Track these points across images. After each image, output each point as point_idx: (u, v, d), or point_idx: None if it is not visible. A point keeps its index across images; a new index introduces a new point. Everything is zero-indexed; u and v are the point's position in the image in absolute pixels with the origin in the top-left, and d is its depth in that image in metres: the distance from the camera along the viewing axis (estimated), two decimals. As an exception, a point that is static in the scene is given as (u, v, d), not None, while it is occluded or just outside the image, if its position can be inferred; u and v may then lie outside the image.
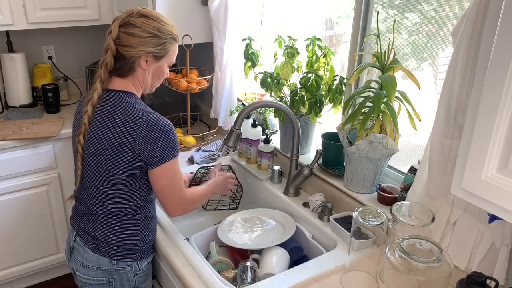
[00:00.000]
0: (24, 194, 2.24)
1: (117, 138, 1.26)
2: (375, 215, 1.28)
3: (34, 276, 2.48)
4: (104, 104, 1.29)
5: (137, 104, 1.30)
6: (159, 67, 1.35)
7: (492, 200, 0.77)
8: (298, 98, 1.70)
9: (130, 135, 1.25)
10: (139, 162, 1.28)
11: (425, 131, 1.36)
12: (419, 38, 1.52)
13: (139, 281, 1.43)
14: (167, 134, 1.28)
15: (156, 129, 1.26)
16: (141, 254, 1.41)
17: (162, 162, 1.28)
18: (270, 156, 1.85)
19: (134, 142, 1.25)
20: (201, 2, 2.09)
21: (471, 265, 1.22)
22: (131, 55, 1.28)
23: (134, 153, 1.26)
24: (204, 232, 1.59)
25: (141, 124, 1.25)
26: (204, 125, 2.48)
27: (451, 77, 1.15)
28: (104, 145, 1.27)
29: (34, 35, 2.56)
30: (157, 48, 1.29)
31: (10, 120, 2.32)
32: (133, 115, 1.26)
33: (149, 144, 1.25)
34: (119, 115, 1.27)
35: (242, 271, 1.36)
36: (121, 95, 1.30)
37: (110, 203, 1.33)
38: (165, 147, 1.27)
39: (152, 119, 1.27)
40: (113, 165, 1.28)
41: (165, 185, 1.32)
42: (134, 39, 1.26)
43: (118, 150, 1.26)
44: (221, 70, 2.08)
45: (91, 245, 1.36)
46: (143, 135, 1.24)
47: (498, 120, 0.73)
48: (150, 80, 1.35)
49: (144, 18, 1.28)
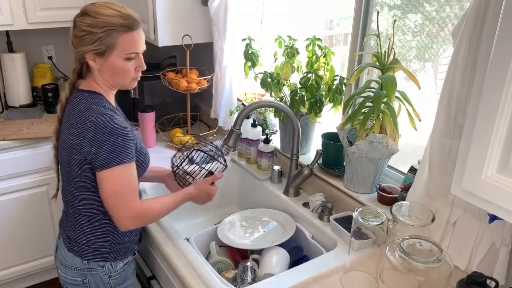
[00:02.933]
0: (24, 194, 2.24)
1: (69, 140, 1.24)
2: (375, 215, 1.28)
3: (34, 276, 2.48)
4: (68, 104, 1.29)
5: (94, 105, 1.25)
6: (108, 63, 1.24)
7: (492, 200, 0.77)
8: (298, 98, 1.70)
9: (78, 137, 1.22)
10: (88, 166, 1.24)
11: (425, 131, 1.36)
12: (421, 38, 1.52)
13: (115, 283, 1.40)
14: (115, 138, 1.20)
15: (104, 131, 1.20)
16: (115, 255, 1.37)
17: (106, 167, 1.20)
18: (270, 156, 1.85)
19: (81, 144, 1.21)
20: (201, 2, 2.09)
21: (471, 265, 1.22)
22: (77, 56, 1.26)
23: (81, 156, 1.22)
24: (204, 232, 1.59)
25: (90, 126, 1.20)
26: (204, 125, 2.48)
27: (451, 77, 1.15)
28: (61, 145, 1.29)
29: (34, 35, 2.55)
30: (93, 45, 1.21)
31: (10, 120, 2.32)
32: (85, 116, 1.22)
33: (94, 148, 1.20)
34: (74, 116, 1.24)
35: (242, 271, 1.36)
36: (84, 95, 1.27)
37: (77, 203, 1.32)
38: (111, 151, 1.20)
39: (102, 121, 1.21)
40: (69, 167, 1.27)
41: (108, 193, 1.23)
42: (76, 39, 1.24)
43: (69, 152, 1.24)
44: (221, 70, 2.08)
45: (67, 244, 1.37)
46: (89, 137, 1.20)
47: (498, 120, 0.73)
48: (109, 78, 1.28)
49: (82, 16, 1.23)
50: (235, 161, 2.01)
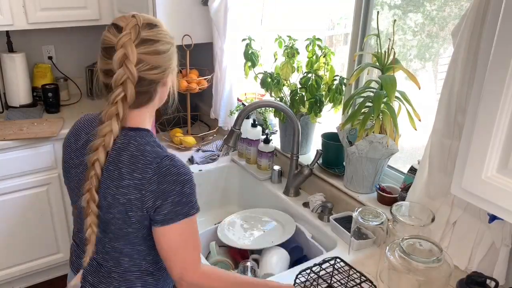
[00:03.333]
0: (24, 194, 2.24)
1: (123, 194, 1.00)
2: (375, 215, 1.28)
3: (34, 276, 2.48)
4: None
5: (148, 146, 1.03)
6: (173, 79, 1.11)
7: (492, 200, 0.77)
8: (298, 98, 1.70)
9: (138, 190, 0.99)
10: (148, 220, 1.03)
11: (425, 131, 1.36)
12: (421, 38, 1.52)
13: None
14: (182, 186, 1.00)
15: (169, 180, 0.99)
16: None
17: (170, 222, 1.01)
18: (270, 156, 1.85)
19: (142, 199, 0.99)
20: (201, 2, 2.09)
21: (471, 265, 1.22)
22: (160, 77, 1.02)
23: (143, 212, 1.01)
24: (204, 232, 1.59)
25: (152, 176, 0.99)
26: (204, 125, 2.48)
27: (451, 77, 1.15)
28: (109, 201, 1.01)
29: (34, 35, 2.55)
30: (176, 65, 1.07)
31: (10, 120, 2.32)
32: (142, 162, 1.00)
33: (159, 200, 0.99)
34: (127, 164, 1.00)
35: (242, 271, 1.36)
36: (130, 134, 1.03)
37: (126, 260, 1.09)
38: (177, 203, 1.00)
39: (165, 166, 1.00)
40: (125, 224, 1.03)
41: (171, 248, 1.04)
42: (159, 57, 1.00)
43: (125, 208, 1.01)
44: (221, 70, 2.08)
45: None
46: (152, 189, 0.99)
47: (498, 120, 0.73)
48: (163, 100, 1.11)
49: (155, 27, 1.02)
50: (235, 161, 2.01)
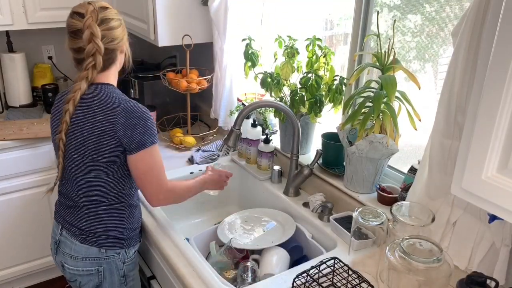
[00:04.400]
0: (24, 194, 2.24)
1: (97, 127, 1.29)
2: (375, 215, 1.28)
3: (34, 276, 2.48)
4: (83, 98, 1.32)
5: (115, 94, 1.33)
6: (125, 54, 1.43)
7: (492, 200, 0.77)
8: (298, 98, 1.70)
9: (110, 123, 1.28)
10: (120, 149, 1.31)
11: (425, 131, 1.36)
12: (421, 39, 1.52)
13: (128, 269, 1.46)
14: (145, 121, 1.31)
15: (134, 116, 1.29)
16: (129, 241, 1.44)
17: (141, 148, 1.30)
18: (270, 156, 1.85)
19: (114, 129, 1.28)
20: (201, 2, 2.09)
21: (471, 265, 1.22)
22: (118, 46, 1.35)
23: (115, 140, 1.29)
24: (204, 232, 1.59)
25: (120, 112, 1.28)
26: (204, 125, 2.48)
27: (451, 77, 1.15)
28: (85, 135, 1.30)
29: (34, 35, 2.56)
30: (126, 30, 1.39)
31: (10, 120, 2.32)
32: (111, 103, 1.30)
33: (128, 131, 1.28)
34: (97, 105, 1.30)
35: (242, 271, 1.36)
36: (99, 87, 1.34)
37: (95, 192, 1.36)
38: (143, 133, 1.30)
39: (130, 106, 1.30)
40: (97, 154, 1.31)
41: (143, 171, 1.33)
42: (116, 31, 1.33)
43: (100, 139, 1.29)
44: (221, 70, 2.08)
45: (79, 236, 1.38)
46: (122, 121, 1.28)
47: (498, 120, 0.73)
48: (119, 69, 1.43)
49: (107, 9, 1.33)
50: (235, 161, 2.01)
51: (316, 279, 1.15)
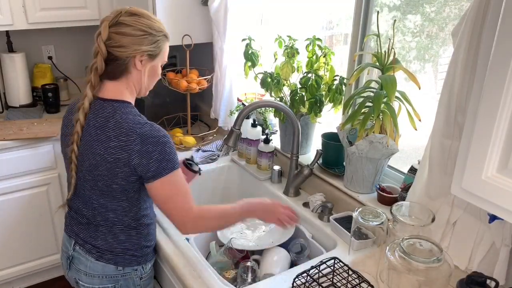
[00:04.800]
0: (24, 194, 2.24)
1: (111, 154, 1.20)
2: (375, 215, 1.28)
3: (34, 276, 2.48)
4: (97, 116, 1.24)
5: (131, 115, 1.23)
6: (154, 66, 1.29)
7: (492, 200, 0.77)
8: (298, 98, 1.70)
9: (125, 150, 1.19)
10: (135, 177, 1.23)
11: (425, 131, 1.36)
12: (421, 39, 1.52)
13: (145, 284, 1.41)
14: (163, 147, 1.20)
15: (151, 141, 1.19)
16: (146, 257, 1.39)
17: (159, 177, 1.21)
18: (270, 156, 1.85)
19: (129, 157, 1.19)
20: (201, 2, 2.09)
21: (471, 265, 1.22)
22: (125, 56, 1.21)
23: (130, 168, 1.21)
24: (203, 233, 1.59)
25: (135, 138, 1.19)
26: (204, 125, 2.48)
27: (451, 77, 1.15)
28: (98, 160, 1.22)
29: (34, 35, 2.56)
30: (151, 46, 1.24)
31: (10, 120, 2.32)
32: (126, 127, 1.20)
33: (144, 159, 1.19)
34: (112, 129, 1.21)
35: (242, 271, 1.36)
36: (114, 106, 1.24)
37: (111, 215, 1.30)
38: (161, 160, 1.20)
39: (146, 131, 1.20)
40: (110, 180, 1.23)
41: (163, 199, 1.24)
42: (127, 38, 1.20)
43: (113, 166, 1.21)
44: (221, 70, 2.08)
45: (94, 253, 1.32)
46: (137, 149, 1.18)
47: (498, 120, 0.73)
48: (146, 82, 1.30)
49: (134, 16, 1.22)
50: (235, 161, 2.01)
51: (316, 279, 1.15)
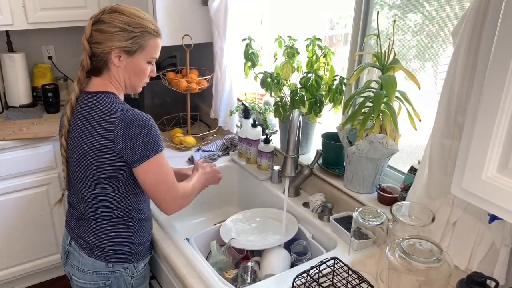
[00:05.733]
0: (24, 194, 2.24)
1: (96, 141, 1.22)
2: (375, 215, 1.28)
3: (34, 276, 2.48)
4: (83, 107, 1.27)
5: (114, 104, 1.25)
6: (133, 62, 1.29)
7: (492, 200, 0.77)
8: (298, 98, 1.70)
9: (108, 136, 1.21)
10: (121, 163, 1.24)
11: (425, 131, 1.36)
12: (421, 38, 1.52)
13: (136, 283, 1.41)
14: (148, 130, 1.22)
15: (135, 125, 1.21)
16: (138, 256, 1.39)
17: (145, 159, 1.22)
18: (270, 156, 1.85)
19: (113, 143, 1.21)
20: (201, 2, 2.09)
21: (471, 265, 1.22)
22: (100, 52, 1.25)
23: (115, 154, 1.22)
24: (204, 232, 1.59)
25: (118, 123, 1.21)
26: (204, 125, 2.48)
27: (451, 77, 1.15)
28: (85, 149, 1.25)
29: (34, 35, 2.56)
30: (126, 43, 1.24)
31: (10, 120, 2.32)
32: (109, 114, 1.22)
33: (129, 142, 1.20)
34: (96, 117, 1.23)
35: (242, 272, 1.36)
36: (98, 96, 1.27)
37: (101, 207, 1.31)
38: (146, 143, 1.21)
39: (129, 116, 1.22)
40: (97, 169, 1.25)
41: (152, 182, 1.26)
42: (102, 35, 1.24)
43: (99, 154, 1.23)
44: (221, 70, 2.08)
45: (86, 249, 1.34)
46: (120, 133, 1.20)
47: (498, 120, 0.73)
48: (128, 78, 1.31)
49: (114, 13, 1.25)
50: (235, 161, 2.01)
51: (316, 279, 1.15)
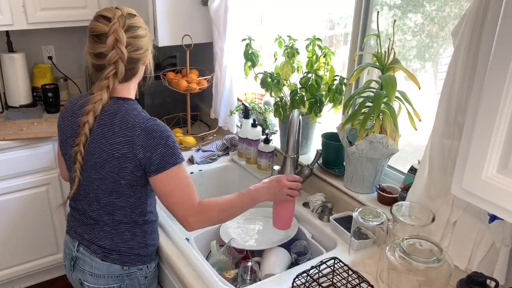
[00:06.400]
0: (24, 194, 2.24)
1: (117, 150, 1.21)
2: (375, 215, 1.28)
3: (34, 276, 2.48)
4: (103, 114, 1.24)
5: (135, 111, 1.25)
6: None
7: (492, 200, 0.77)
8: (298, 98, 1.70)
9: (130, 145, 1.20)
10: (141, 172, 1.24)
11: (425, 131, 1.36)
12: (421, 38, 1.52)
13: (149, 283, 1.42)
14: (165, 140, 1.22)
15: (155, 135, 1.21)
16: (150, 257, 1.40)
17: (161, 170, 1.22)
18: (270, 156, 1.85)
19: (134, 152, 1.20)
20: (201, 2, 2.09)
21: (471, 265, 1.22)
22: (141, 56, 1.26)
23: (135, 163, 1.22)
24: (204, 232, 1.59)
25: (140, 133, 1.20)
26: (204, 125, 2.48)
27: (451, 77, 1.15)
28: (105, 158, 1.23)
29: (34, 35, 2.55)
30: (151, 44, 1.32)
31: (10, 120, 2.32)
32: (131, 122, 1.22)
33: (148, 152, 1.20)
34: (118, 125, 1.22)
35: (242, 272, 1.36)
36: (119, 103, 1.26)
37: (118, 212, 1.30)
38: (164, 154, 1.21)
39: (150, 126, 1.22)
40: (118, 177, 1.24)
41: (165, 193, 1.25)
42: (143, 39, 1.25)
43: (120, 162, 1.22)
44: (221, 70, 2.08)
45: (100, 254, 1.32)
46: (141, 143, 1.20)
47: (498, 120, 0.73)
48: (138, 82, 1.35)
49: (136, 16, 1.26)
50: (235, 161, 2.01)
51: (316, 279, 1.15)
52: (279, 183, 1.35)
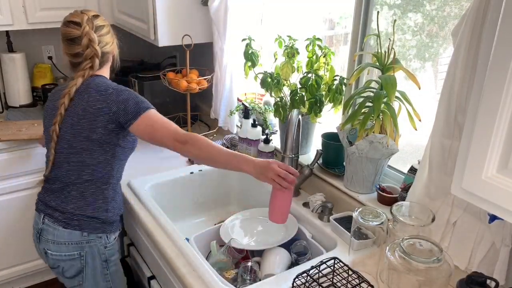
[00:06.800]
0: (24, 194, 2.24)
1: (92, 105, 1.39)
2: (375, 215, 1.28)
3: (34, 276, 2.48)
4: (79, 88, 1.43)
5: (108, 81, 1.48)
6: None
7: (492, 200, 0.77)
8: (298, 98, 1.70)
9: (104, 101, 1.39)
10: (113, 124, 1.39)
11: (425, 131, 1.36)
12: (421, 37, 1.52)
13: (109, 254, 1.52)
14: (135, 94, 1.42)
15: (124, 92, 1.40)
16: (110, 227, 1.51)
17: (139, 114, 1.37)
18: (270, 156, 1.85)
19: (108, 106, 1.38)
20: (201, 2, 2.09)
21: (471, 265, 1.22)
22: (109, 49, 1.50)
23: (109, 116, 1.38)
24: (204, 232, 1.59)
25: (112, 91, 1.40)
26: (204, 125, 2.48)
27: (451, 77, 1.15)
28: (80, 114, 1.40)
29: (34, 35, 2.55)
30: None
31: (10, 121, 2.32)
32: (104, 86, 1.42)
33: (121, 105, 1.38)
34: (93, 88, 1.42)
35: (242, 272, 1.36)
36: (93, 77, 1.46)
37: (86, 171, 1.44)
38: (136, 102, 1.38)
39: (120, 87, 1.43)
40: (90, 131, 1.39)
41: (153, 131, 1.37)
42: (107, 36, 1.48)
43: (94, 116, 1.39)
44: (221, 70, 2.08)
45: (62, 221, 1.45)
46: (113, 99, 1.38)
47: (498, 120, 0.73)
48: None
49: (100, 16, 1.49)
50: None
51: (316, 279, 1.15)
52: (268, 164, 1.27)
